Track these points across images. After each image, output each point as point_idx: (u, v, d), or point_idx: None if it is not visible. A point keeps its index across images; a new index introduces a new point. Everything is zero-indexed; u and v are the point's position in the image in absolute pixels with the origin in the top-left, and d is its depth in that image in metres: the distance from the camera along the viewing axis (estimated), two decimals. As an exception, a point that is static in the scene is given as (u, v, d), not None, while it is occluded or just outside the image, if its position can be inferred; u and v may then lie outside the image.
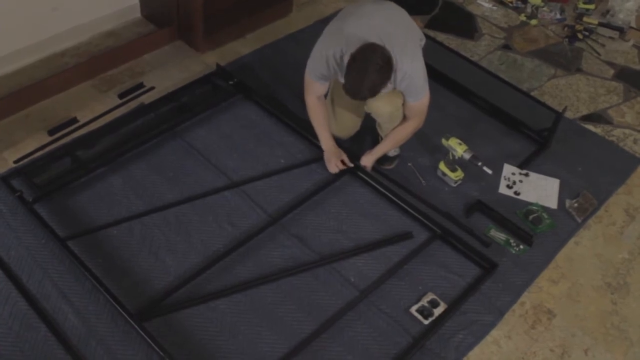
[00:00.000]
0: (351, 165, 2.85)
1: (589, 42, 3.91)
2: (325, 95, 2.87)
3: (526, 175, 2.97)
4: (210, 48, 3.55)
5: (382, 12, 2.61)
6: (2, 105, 3.01)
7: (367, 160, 2.85)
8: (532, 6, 4.12)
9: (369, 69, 2.36)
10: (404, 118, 2.76)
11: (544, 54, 3.80)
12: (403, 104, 2.72)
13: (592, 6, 4.10)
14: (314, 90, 2.75)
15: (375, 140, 2.95)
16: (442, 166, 2.90)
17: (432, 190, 2.88)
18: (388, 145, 2.83)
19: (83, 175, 2.78)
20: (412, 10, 3.94)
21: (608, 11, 4.06)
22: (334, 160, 2.84)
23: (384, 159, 2.94)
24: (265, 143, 3.02)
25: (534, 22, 4.04)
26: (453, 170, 2.88)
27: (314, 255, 2.58)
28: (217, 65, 3.33)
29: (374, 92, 2.44)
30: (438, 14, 4.05)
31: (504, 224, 2.73)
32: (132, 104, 3.17)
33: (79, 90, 3.24)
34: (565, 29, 4.01)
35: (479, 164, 2.77)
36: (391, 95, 2.69)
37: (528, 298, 2.52)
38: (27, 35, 3.23)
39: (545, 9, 4.12)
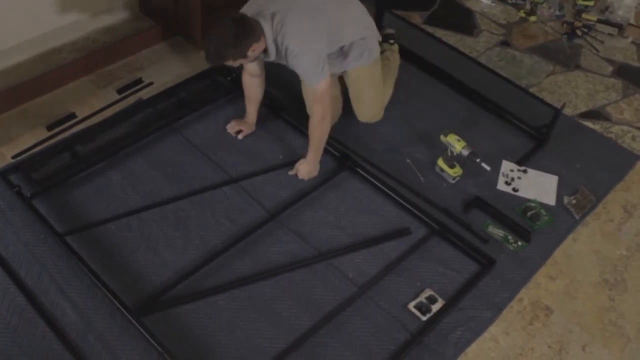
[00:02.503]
0: (239, 137, 2.98)
1: (588, 38, 3.90)
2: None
3: (524, 171, 2.97)
4: (208, 43, 3.55)
5: None
6: (0, 101, 3.00)
7: (301, 168, 2.82)
8: (531, 2, 4.11)
9: (221, 39, 2.42)
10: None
11: (542, 51, 3.80)
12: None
13: (591, 3, 4.09)
14: (247, 66, 2.80)
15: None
16: (440, 162, 2.90)
17: (430, 186, 2.88)
18: (314, 148, 2.78)
19: (81, 171, 2.78)
20: (411, 7, 3.99)
21: (607, 8, 4.06)
22: (235, 124, 3.00)
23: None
24: (264, 139, 3.02)
25: (533, 18, 4.04)
26: (451, 166, 2.88)
27: (312, 251, 2.58)
28: (216, 60, 3.32)
29: (219, 57, 2.49)
30: (437, 10, 4.05)
31: (502, 220, 2.74)
32: (131, 100, 3.17)
33: (77, 85, 3.24)
34: (564, 25, 4.01)
35: (478, 160, 2.77)
36: (372, 99, 2.99)
37: (526, 294, 2.53)
38: (24, 31, 3.22)
39: (544, 5, 4.11)
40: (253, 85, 2.89)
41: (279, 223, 2.66)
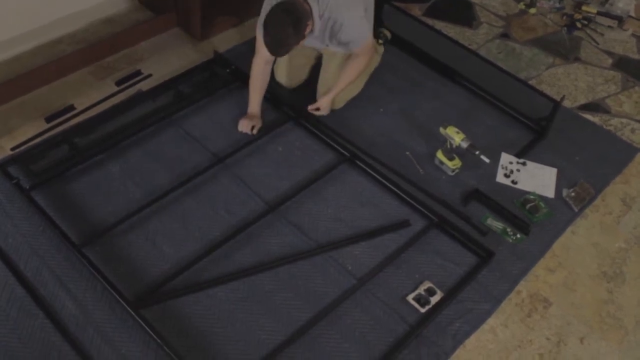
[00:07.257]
0: (254, 133, 2.95)
1: (588, 31, 3.90)
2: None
3: (524, 164, 2.97)
4: (208, 35, 3.54)
5: None
6: (-1, 93, 3.00)
7: (324, 102, 2.97)
8: (531, -5, 4.11)
9: (281, 31, 2.50)
10: (353, 57, 2.90)
11: (542, 43, 3.79)
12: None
13: (591, -5, 4.10)
14: (262, 51, 2.81)
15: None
16: (439, 155, 2.90)
17: (429, 178, 2.88)
18: (344, 82, 2.92)
19: (80, 163, 2.78)
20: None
21: (607, 0, 4.05)
22: (248, 123, 2.96)
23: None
24: (263, 131, 3.01)
25: (532, 10, 4.03)
26: (451, 158, 2.88)
27: (312, 244, 2.58)
28: (215, 52, 3.32)
29: (285, 48, 2.61)
30: (437, 2, 4.04)
31: (501, 212, 2.74)
32: (130, 92, 3.17)
33: (76, 77, 3.23)
34: (564, 17, 4.00)
35: (477, 152, 2.77)
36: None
37: (524, 287, 2.53)
38: (23, 22, 3.22)
39: (544, -3, 4.11)
40: (265, 73, 2.93)
41: (278, 215, 2.66)
